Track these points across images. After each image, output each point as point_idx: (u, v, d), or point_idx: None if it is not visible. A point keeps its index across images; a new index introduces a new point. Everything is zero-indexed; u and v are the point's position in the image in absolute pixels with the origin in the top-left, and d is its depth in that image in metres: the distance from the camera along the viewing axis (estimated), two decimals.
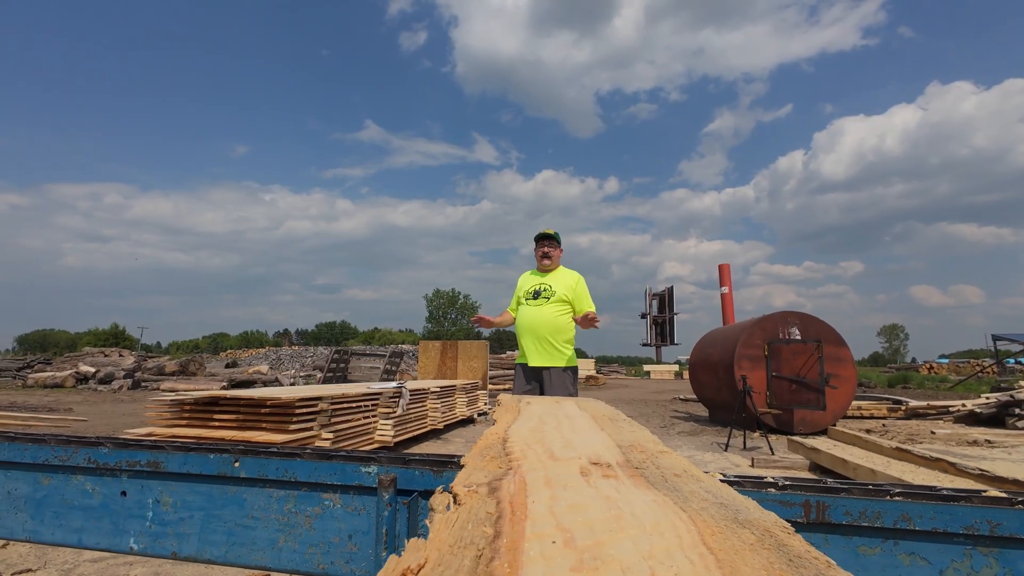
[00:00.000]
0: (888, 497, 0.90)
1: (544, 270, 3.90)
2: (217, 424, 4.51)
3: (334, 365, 14.87)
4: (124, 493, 1.21)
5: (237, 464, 1.15)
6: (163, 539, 1.18)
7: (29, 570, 2.62)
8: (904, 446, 5.00)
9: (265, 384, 17.62)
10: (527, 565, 0.43)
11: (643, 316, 47.17)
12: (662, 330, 46.24)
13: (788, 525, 0.52)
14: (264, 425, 4.43)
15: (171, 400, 4.69)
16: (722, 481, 0.70)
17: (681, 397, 15.49)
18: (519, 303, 3.89)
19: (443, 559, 0.43)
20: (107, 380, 16.48)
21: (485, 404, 10.26)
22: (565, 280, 3.79)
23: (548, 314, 3.68)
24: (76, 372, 17.14)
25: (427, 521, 0.52)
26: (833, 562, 0.45)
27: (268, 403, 4.39)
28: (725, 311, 19.95)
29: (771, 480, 0.89)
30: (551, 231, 3.88)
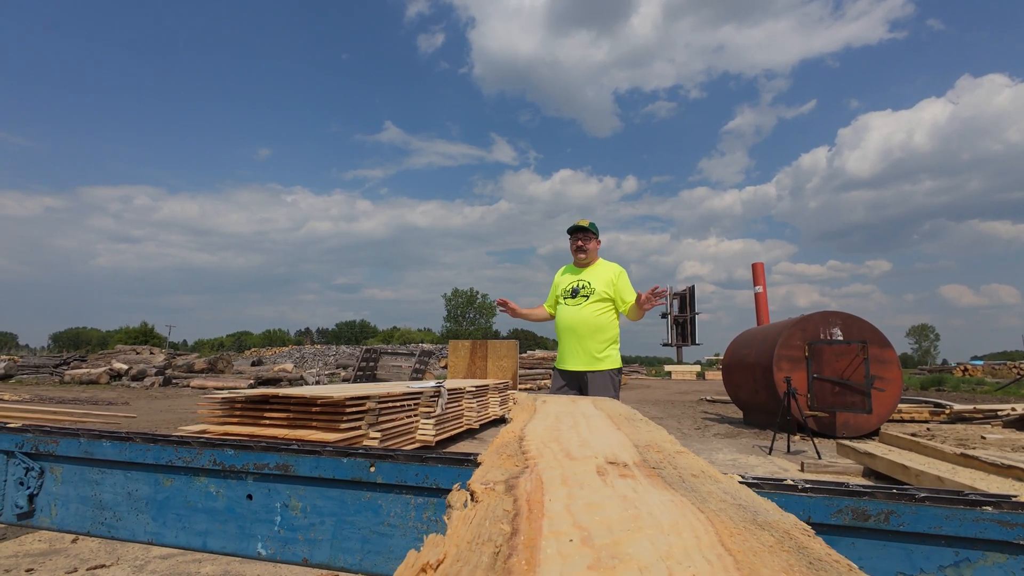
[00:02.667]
0: None
1: (580, 265, 3.38)
2: (268, 422, 4.22)
3: (364, 364, 14.65)
4: (250, 496, 1.10)
5: (373, 469, 1.03)
6: (293, 545, 1.06)
7: (102, 565, 2.49)
8: (970, 452, 4.45)
9: (291, 382, 17.02)
10: (545, 562, 0.40)
11: (663, 316, 43.88)
12: (683, 330, 42.59)
13: (808, 528, 0.46)
14: (314, 424, 4.18)
15: (222, 398, 4.46)
16: (741, 482, 0.64)
17: (708, 398, 14.11)
18: (557, 302, 3.39)
19: (461, 555, 0.41)
20: (139, 377, 16.02)
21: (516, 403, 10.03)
22: (604, 275, 3.28)
23: (588, 314, 3.18)
24: (110, 369, 16.63)
25: (444, 517, 0.50)
26: (854, 566, 0.39)
27: (319, 402, 4.11)
28: (759, 311, 18.45)
29: (791, 482, 0.80)
30: (585, 222, 3.32)
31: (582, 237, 3.33)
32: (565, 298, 3.30)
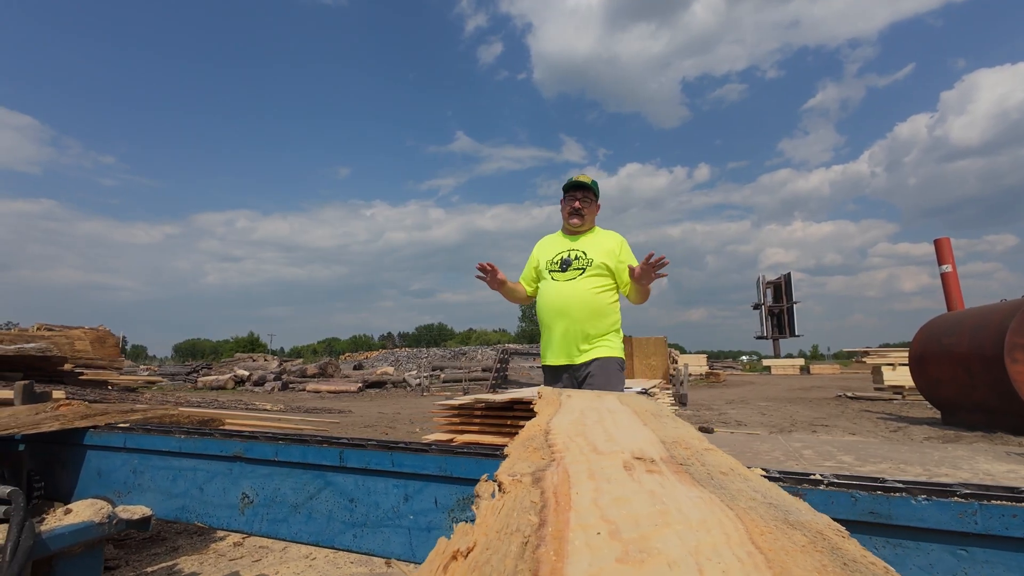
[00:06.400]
0: None
1: (573, 231, 2.55)
2: (514, 430, 3.81)
3: (499, 366, 14.56)
4: None
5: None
6: None
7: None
8: None
9: (395, 384, 16.87)
10: (573, 554, 0.39)
11: (756, 307, 39.75)
12: (779, 321, 38.38)
13: (842, 528, 0.43)
14: None
15: (459, 405, 4.00)
16: (763, 476, 0.60)
17: (848, 395, 12.17)
18: (539, 276, 2.58)
19: (491, 543, 0.40)
20: (260, 382, 16.76)
21: (672, 405, 8.67)
22: (604, 244, 2.46)
23: (585, 291, 2.37)
24: (234, 375, 17.53)
25: (473, 507, 0.50)
26: (891, 568, 0.36)
27: None
28: (950, 294, 15.41)
29: (818, 476, 0.74)
30: (586, 178, 2.53)
31: (581, 196, 2.50)
32: (553, 271, 2.49)
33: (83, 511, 1.39)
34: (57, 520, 1.36)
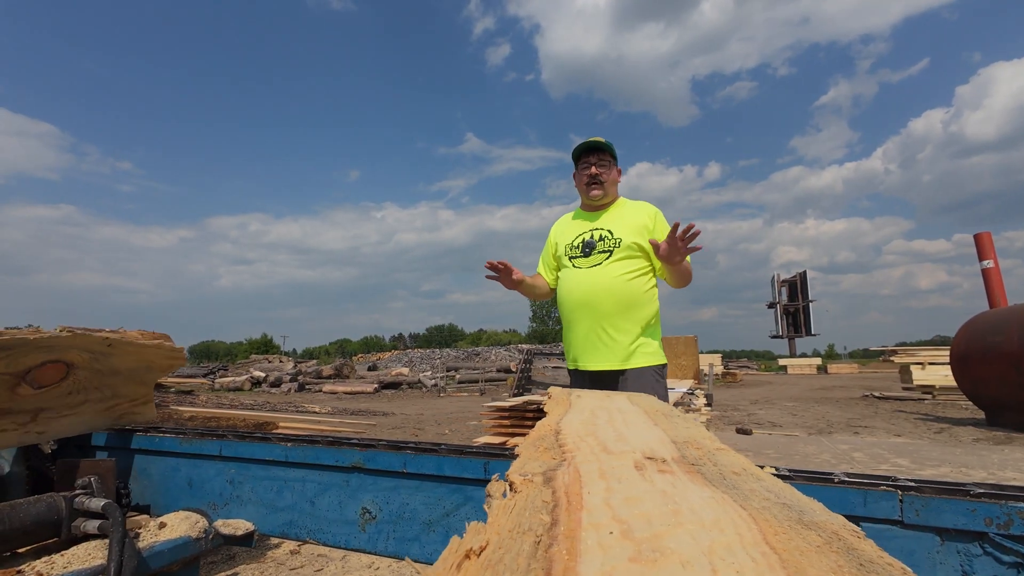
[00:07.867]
0: None
1: (593, 206, 2.13)
2: None
3: (524, 367, 14.63)
4: None
5: None
6: None
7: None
8: None
9: (410, 385, 16.77)
10: (585, 553, 0.40)
11: (770, 306, 39.22)
12: (795, 320, 37.90)
13: (858, 529, 0.42)
14: None
15: (510, 407, 4.26)
16: (775, 475, 0.59)
17: (876, 395, 11.70)
18: (558, 264, 2.19)
19: (503, 543, 0.41)
20: (277, 383, 16.82)
21: (706, 407, 8.61)
22: (634, 218, 2.04)
23: (613, 278, 1.96)
24: (251, 377, 17.63)
25: (484, 506, 0.50)
26: (908, 569, 0.35)
27: None
28: (992, 290, 15.00)
29: (830, 474, 0.72)
30: (599, 139, 2.09)
31: (596, 161, 2.07)
32: (573, 257, 2.08)
33: (178, 525, 1.29)
34: (152, 535, 1.26)
